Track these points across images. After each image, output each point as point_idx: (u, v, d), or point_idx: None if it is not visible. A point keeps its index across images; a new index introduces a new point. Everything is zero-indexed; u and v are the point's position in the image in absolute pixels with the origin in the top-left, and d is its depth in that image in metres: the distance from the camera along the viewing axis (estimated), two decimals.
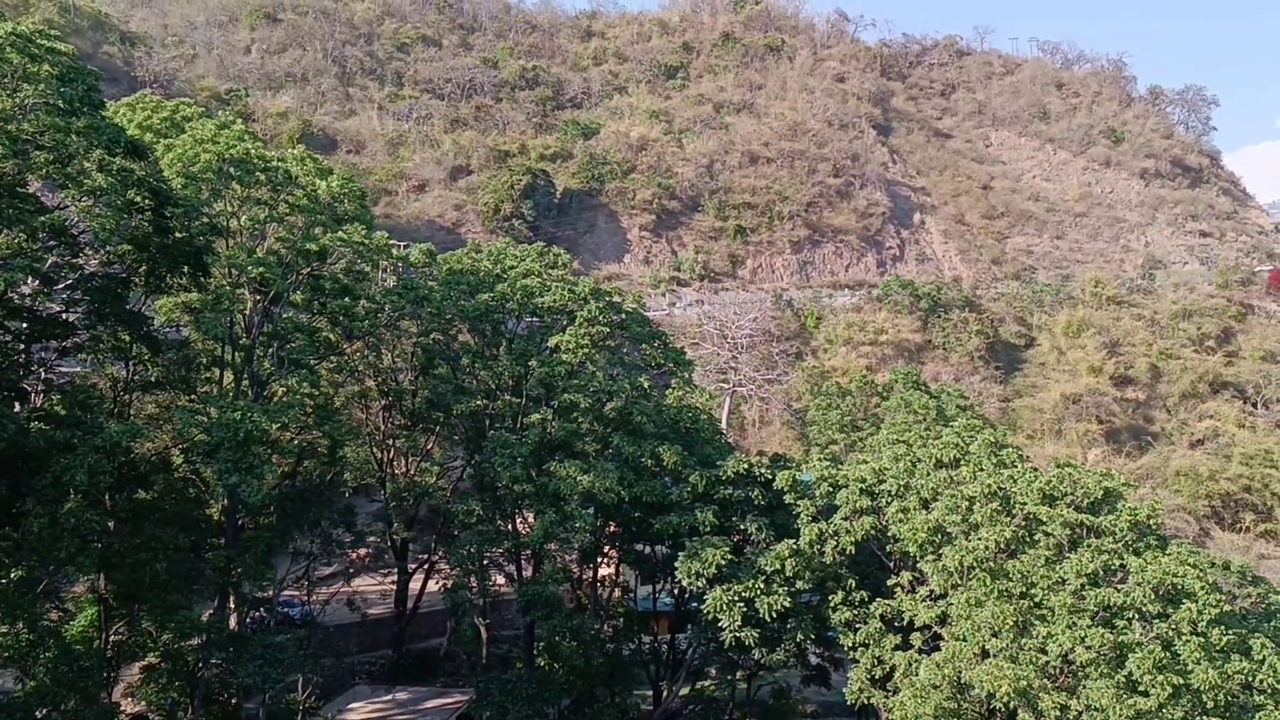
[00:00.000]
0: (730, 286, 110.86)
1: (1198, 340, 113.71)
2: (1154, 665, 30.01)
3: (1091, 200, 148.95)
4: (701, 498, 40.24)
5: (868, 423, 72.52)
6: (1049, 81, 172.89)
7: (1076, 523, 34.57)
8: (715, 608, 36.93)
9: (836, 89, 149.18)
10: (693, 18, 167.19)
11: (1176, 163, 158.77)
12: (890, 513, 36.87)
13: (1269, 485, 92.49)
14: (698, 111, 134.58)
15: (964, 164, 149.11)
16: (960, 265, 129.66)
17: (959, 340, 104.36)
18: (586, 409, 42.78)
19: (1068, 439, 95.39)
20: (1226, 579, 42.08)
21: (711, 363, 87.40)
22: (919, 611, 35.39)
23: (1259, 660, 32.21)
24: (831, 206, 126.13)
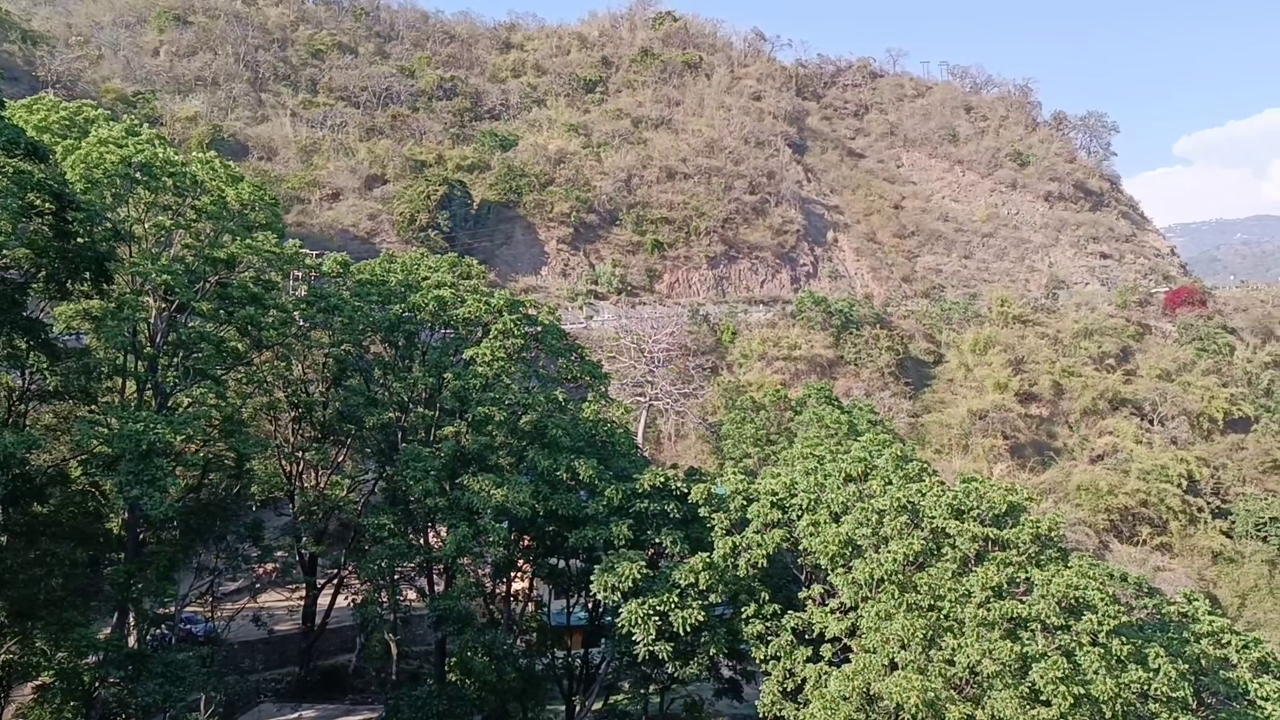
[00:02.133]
0: (647, 301, 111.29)
1: (1098, 358, 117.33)
2: (1056, 676, 30.72)
3: (998, 221, 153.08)
4: (617, 511, 40.18)
5: (781, 437, 73.38)
6: (958, 105, 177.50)
7: (983, 536, 35.29)
8: (630, 621, 36.86)
9: (753, 107, 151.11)
10: (611, 33, 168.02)
11: (1079, 186, 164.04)
12: (801, 526, 37.26)
13: (1164, 500, 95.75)
14: (616, 126, 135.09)
15: (876, 183, 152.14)
16: (872, 282, 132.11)
17: (870, 356, 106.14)
18: (501, 422, 42.49)
19: (974, 454, 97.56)
20: (1124, 591, 43.38)
21: (628, 376, 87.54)
22: (829, 624, 35.80)
23: (1155, 670, 33.23)
24: (747, 223, 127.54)
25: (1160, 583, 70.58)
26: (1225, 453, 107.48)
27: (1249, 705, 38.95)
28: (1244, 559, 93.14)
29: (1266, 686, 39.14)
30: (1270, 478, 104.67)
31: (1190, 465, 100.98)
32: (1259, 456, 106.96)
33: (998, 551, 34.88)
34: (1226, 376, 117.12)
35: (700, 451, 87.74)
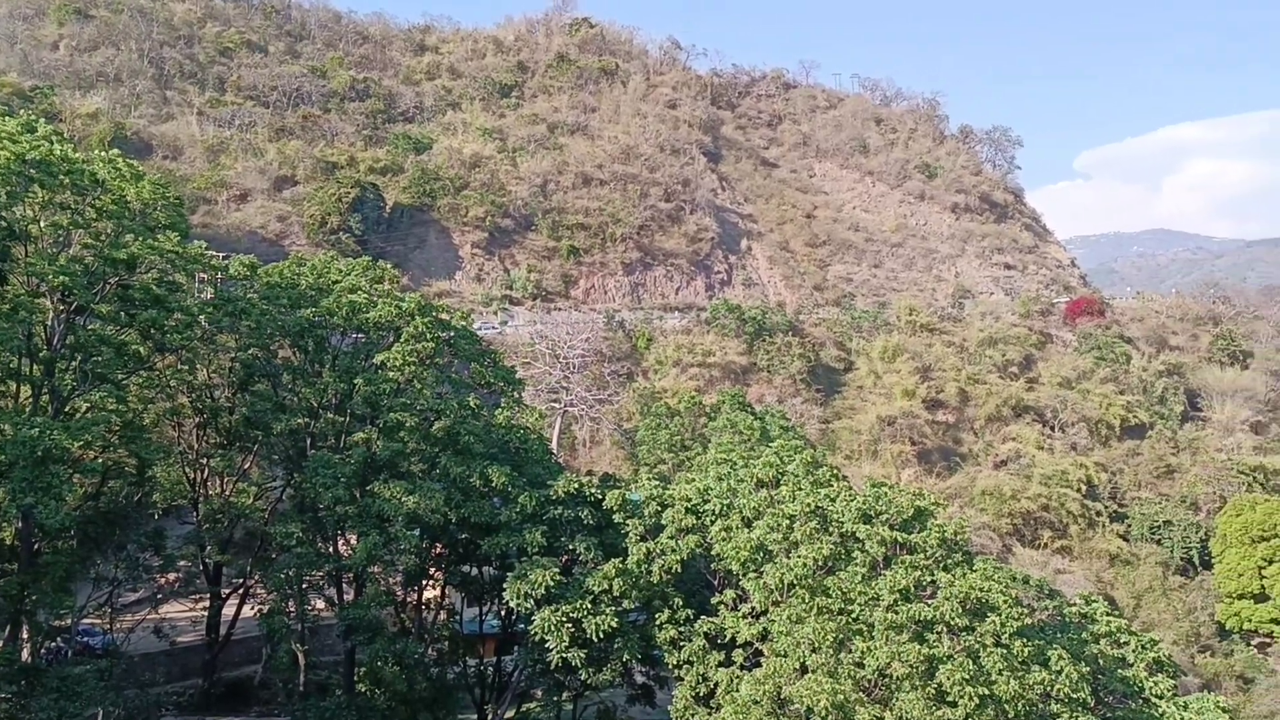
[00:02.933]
0: (563, 306, 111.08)
1: (1002, 366, 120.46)
2: (962, 677, 31.38)
3: (907, 231, 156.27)
4: (531, 518, 39.97)
5: (695, 443, 73.75)
6: (869, 117, 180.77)
7: (891, 540, 35.92)
8: (543, 629, 36.68)
9: (669, 115, 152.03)
10: (528, 37, 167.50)
11: (984, 199, 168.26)
12: (714, 531, 37.49)
13: (1064, 504, 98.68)
14: (532, 131, 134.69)
15: (789, 193, 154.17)
16: (785, 290, 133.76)
17: (783, 363, 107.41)
18: (413, 428, 41.95)
19: (883, 459, 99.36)
20: (1027, 593, 44.61)
21: (543, 382, 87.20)
22: (741, 629, 36.04)
23: (1057, 670, 34.19)
24: (663, 230, 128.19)
25: (1061, 585, 72.56)
26: (1122, 458, 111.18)
27: (1144, 703, 40.39)
28: (1139, 561, 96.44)
29: (1160, 685, 40.65)
30: (1164, 482, 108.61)
31: (1089, 470, 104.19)
32: (1153, 462, 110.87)
33: (906, 555, 35.52)
34: (1123, 384, 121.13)
35: (615, 458, 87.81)
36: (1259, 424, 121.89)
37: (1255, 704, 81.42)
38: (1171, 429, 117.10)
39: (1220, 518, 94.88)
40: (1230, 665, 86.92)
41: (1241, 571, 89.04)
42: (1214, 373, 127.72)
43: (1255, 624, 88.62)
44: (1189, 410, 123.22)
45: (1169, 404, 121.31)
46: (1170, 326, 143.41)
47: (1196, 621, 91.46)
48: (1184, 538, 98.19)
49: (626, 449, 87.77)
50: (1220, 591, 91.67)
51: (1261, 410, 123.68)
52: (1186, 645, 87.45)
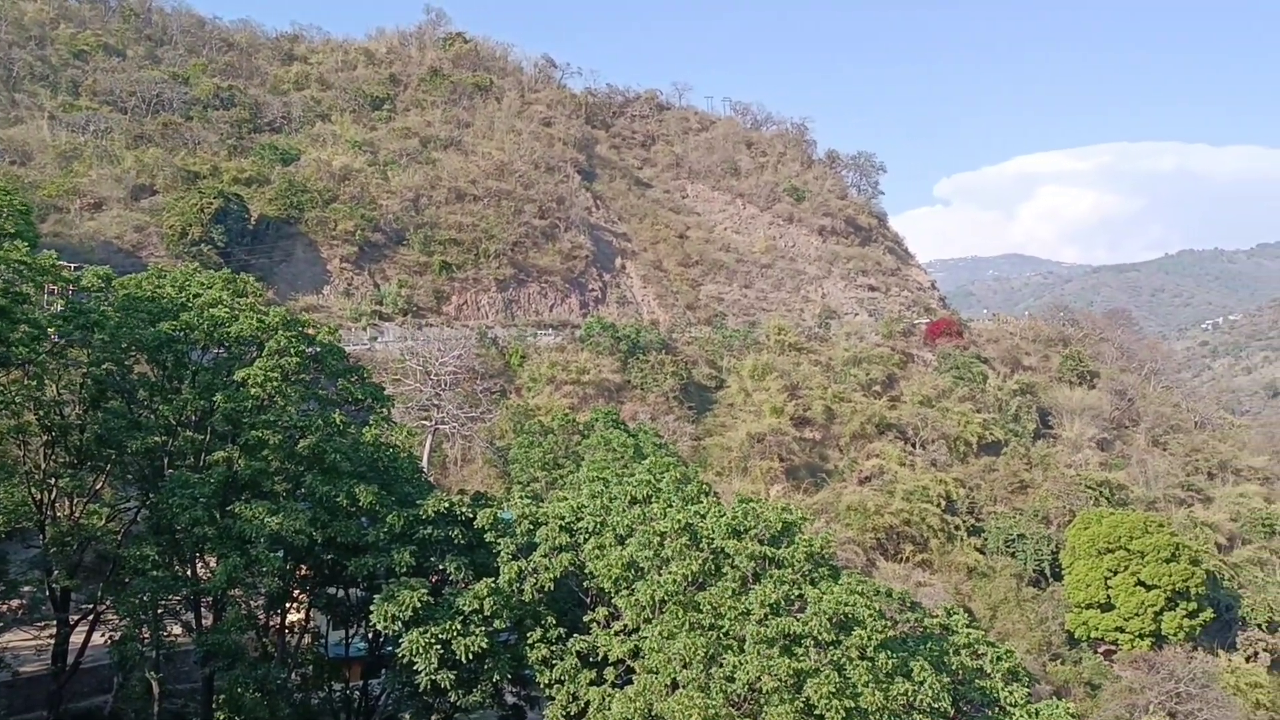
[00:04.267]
0: (435, 322, 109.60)
1: (866, 385, 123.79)
2: (829, 690, 32.02)
3: (776, 253, 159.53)
4: (399, 538, 39.25)
5: (569, 460, 73.69)
6: (740, 140, 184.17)
7: (760, 555, 36.47)
8: (411, 651, 36.03)
9: (543, 132, 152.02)
10: (400, 50, 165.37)
11: (850, 222, 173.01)
12: (587, 549, 37.48)
13: (925, 519, 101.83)
14: (404, 145, 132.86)
15: (662, 213, 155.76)
16: (658, 309, 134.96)
17: (656, 381, 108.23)
18: (277, 446, 40.75)
19: (753, 475, 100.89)
20: (890, 606, 45.80)
21: (414, 400, 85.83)
22: (613, 646, 36.08)
23: (919, 681, 35.20)
24: (537, 247, 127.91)
25: (922, 597, 74.87)
26: (979, 474, 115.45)
27: (1001, 712, 41.89)
28: (995, 573, 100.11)
29: (1016, 694, 42.28)
30: (1018, 497, 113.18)
31: (948, 486, 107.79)
32: (1008, 477, 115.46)
33: (774, 570, 36.10)
34: (980, 403, 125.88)
35: (487, 476, 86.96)
36: (1104, 441, 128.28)
37: (1102, 709, 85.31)
38: (1025, 446, 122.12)
39: (1069, 531, 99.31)
40: (1079, 672, 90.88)
41: (1089, 582, 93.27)
42: (1064, 392, 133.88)
43: (1101, 632, 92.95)
44: (1041, 428, 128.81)
45: (1022, 422, 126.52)
46: (1024, 347, 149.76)
47: (1048, 631, 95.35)
48: (1036, 550, 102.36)
49: (499, 467, 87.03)
50: (1070, 601, 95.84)
51: (1107, 428, 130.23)
52: (1039, 654, 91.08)
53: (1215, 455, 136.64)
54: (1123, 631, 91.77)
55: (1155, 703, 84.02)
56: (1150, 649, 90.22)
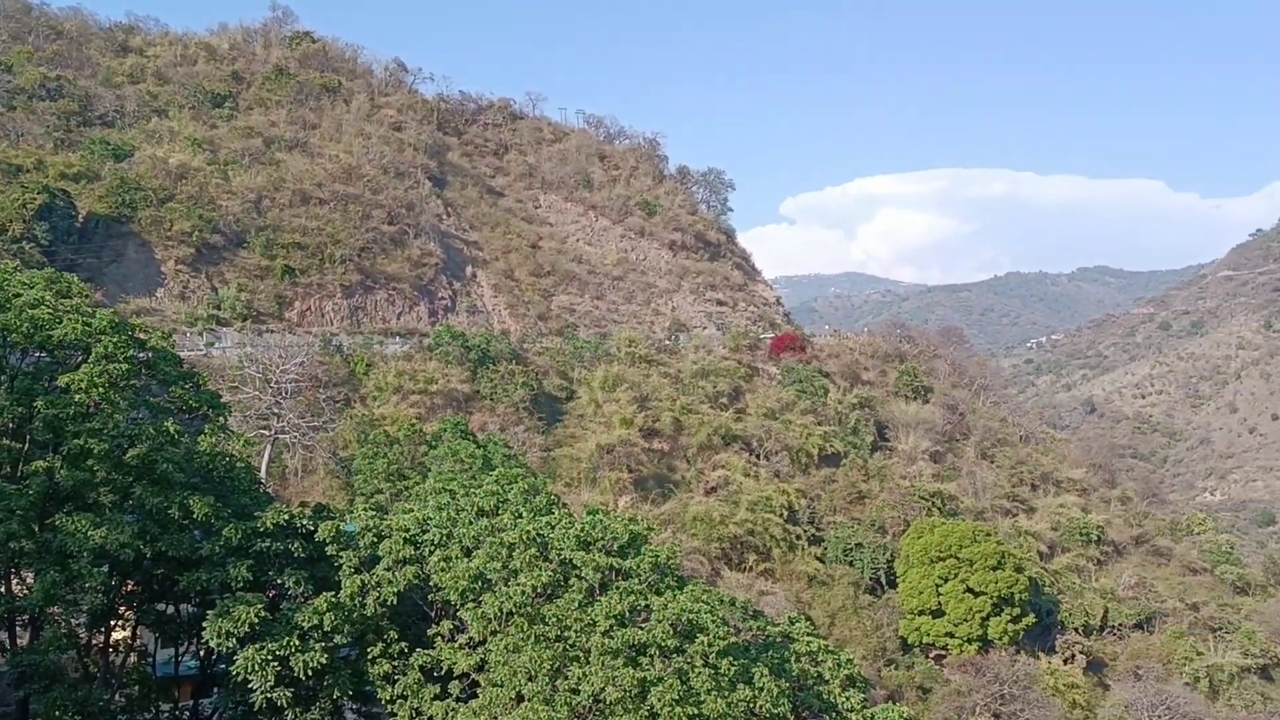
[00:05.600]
0: (276, 329, 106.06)
1: (713, 397, 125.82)
2: (672, 699, 32.41)
3: (628, 265, 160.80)
4: (235, 551, 37.82)
5: (415, 471, 72.51)
6: (593, 152, 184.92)
7: (607, 566, 36.66)
8: (246, 668, 34.74)
9: (393, 137, 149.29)
10: (244, 47, 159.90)
11: (699, 237, 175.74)
12: (433, 562, 36.96)
13: (768, 529, 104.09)
14: (246, 144, 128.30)
15: (515, 222, 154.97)
16: (509, 319, 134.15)
17: (506, 391, 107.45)
18: (103, 455, 38.65)
19: (602, 487, 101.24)
20: (733, 614, 46.72)
21: (252, 408, 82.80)
22: (458, 660, 35.66)
23: (760, 688, 35.97)
24: (385, 253, 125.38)
25: (764, 605, 76.52)
26: (819, 485, 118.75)
27: (838, 716, 43.23)
28: (834, 582, 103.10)
29: (853, 699, 43.73)
30: (856, 507, 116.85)
31: (791, 496, 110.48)
32: (847, 488, 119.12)
33: (621, 581, 36.35)
34: (821, 416, 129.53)
35: (330, 487, 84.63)
36: (937, 453, 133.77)
37: (932, 711, 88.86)
38: (863, 458, 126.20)
39: (904, 540, 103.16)
40: (911, 677, 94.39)
41: (922, 589, 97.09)
42: (900, 406, 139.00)
43: (933, 637, 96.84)
44: (878, 440, 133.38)
45: (861, 434, 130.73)
46: (863, 363, 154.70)
47: (883, 637, 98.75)
48: (873, 559, 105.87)
49: (342, 478, 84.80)
50: (904, 608, 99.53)
51: (939, 441, 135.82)
52: (874, 659, 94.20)
53: (1038, 468, 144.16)
54: (952, 636, 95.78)
55: (982, 704, 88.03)
56: (978, 653, 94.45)
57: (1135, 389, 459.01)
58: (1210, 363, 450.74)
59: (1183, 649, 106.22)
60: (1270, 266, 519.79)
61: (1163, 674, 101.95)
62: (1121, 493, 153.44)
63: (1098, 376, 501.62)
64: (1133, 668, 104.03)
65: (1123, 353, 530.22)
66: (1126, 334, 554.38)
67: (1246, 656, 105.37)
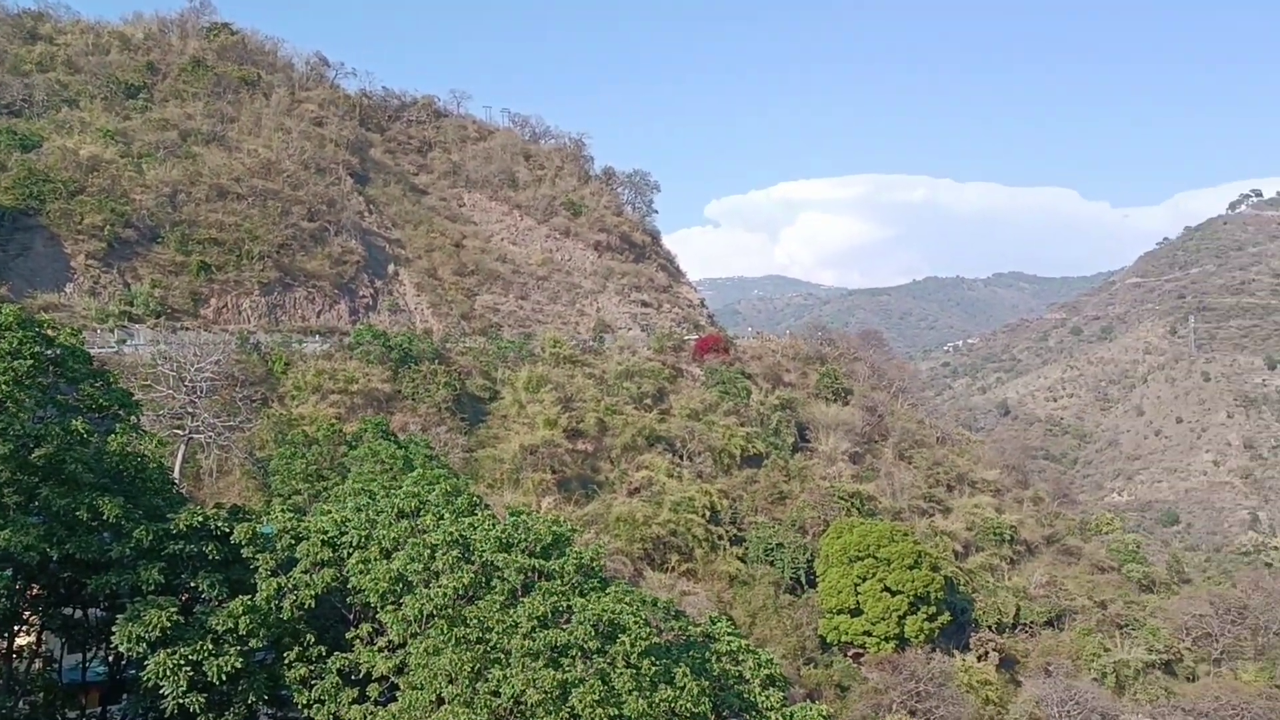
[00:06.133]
0: (191, 326, 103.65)
1: (638, 398, 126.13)
2: (593, 699, 32.46)
3: (553, 266, 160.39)
4: (147, 554, 36.94)
5: (334, 472, 71.52)
6: (518, 151, 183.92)
7: (530, 567, 36.59)
8: (157, 673, 33.95)
9: (314, 132, 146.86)
10: (160, 37, 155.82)
11: (624, 238, 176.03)
12: (352, 564, 36.54)
13: (691, 529, 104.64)
14: (162, 137, 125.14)
15: (438, 221, 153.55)
16: (432, 318, 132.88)
17: (428, 391, 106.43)
18: (7, 456, 37.47)
19: (525, 488, 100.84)
20: (655, 615, 46.88)
21: (166, 407, 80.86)
22: (377, 663, 35.29)
23: (680, 687, 36.17)
24: (305, 250, 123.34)
25: (686, 606, 76.95)
26: (741, 485, 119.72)
27: (758, 715, 43.65)
28: (755, 581, 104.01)
29: (772, 698, 44.19)
30: (777, 507, 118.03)
31: (713, 497, 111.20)
32: (768, 489, 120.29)
33: (544, 582, 36.30)
34: (744, 417, 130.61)
35: (246, 488, 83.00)
36: (856, 454, 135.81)
37: (850, 709, 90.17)
38: (784, 458, 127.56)
39: (824, 540, 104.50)
40: (830, 675, 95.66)
41: (840, 589, 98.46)
42: (820, 407, 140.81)
43: (851, 636, 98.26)
44: (799, 441, 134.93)
45: (782, 435, 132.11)
46: (785, 365, 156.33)
47: (803, 636, 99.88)
48: (793, 558, 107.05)
49: (259, 479, 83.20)
50: (823, 607, 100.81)
51: (859, 442, 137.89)
52: (794, 658, 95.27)
53: (954, 469, 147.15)
54: (870, 635, 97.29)
55: (898, 702, 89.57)
56: (894, 651, 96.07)
57: (1047, 392, 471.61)
58: (1119, 367, 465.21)
59: (1091, 646, 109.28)
60: (1175, 274, 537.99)
61: (1072, 670, 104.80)
62: (1034, 493, 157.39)
63: (1012, 380, 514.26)
64: (1043, 664, 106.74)
65: (1036, 357, 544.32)
66: (1039, 338, 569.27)
67: (1151, 652, 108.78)
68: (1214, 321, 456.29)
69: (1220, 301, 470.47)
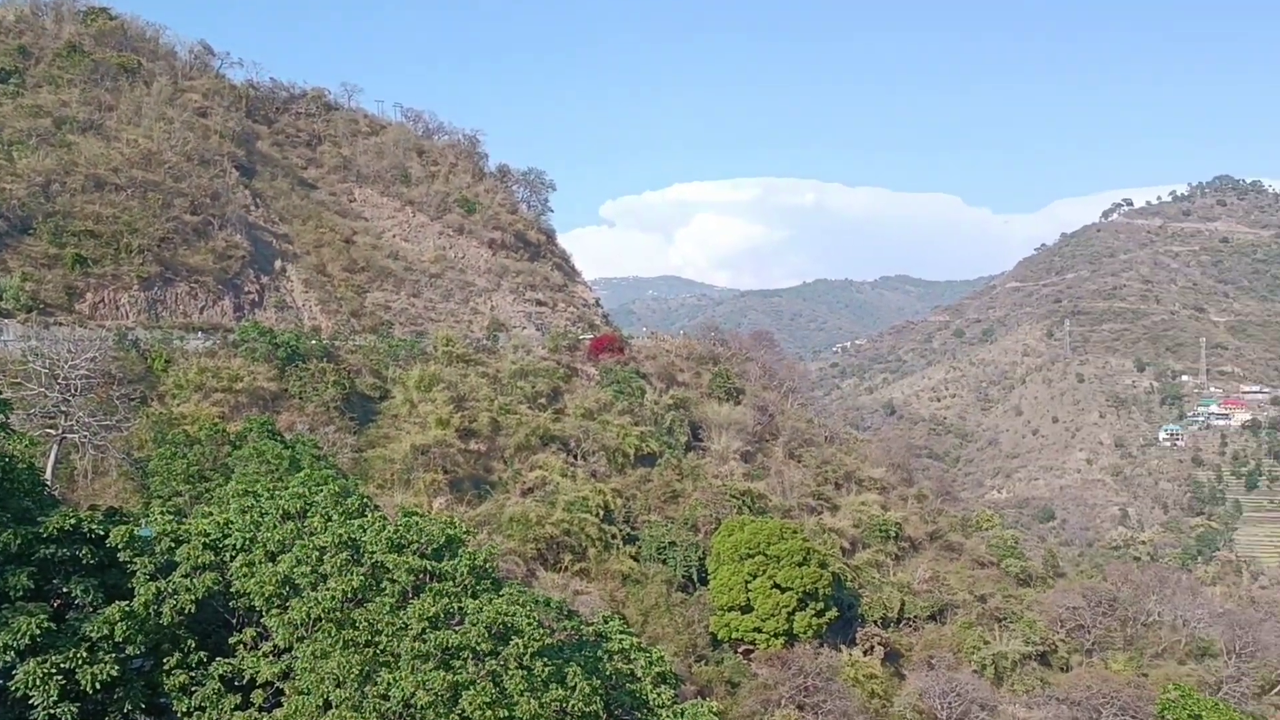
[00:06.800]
0: (65, 321, 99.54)
1: (532, 398, 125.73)
2: (484, 701, 32.30)
3: (446, 263, 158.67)
4: (15, 559, 35.42)
5: (217, 473, 69.75)
6: (411, 147, 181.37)
7: (422, 569, 36.22)
8: (26, 683, 32.56)
9: (198, 123, 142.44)
10: (33, 21, 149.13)
11: (519, 237, 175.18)
12: (236, 567, 35.68)
13: (584, 529, 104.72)
14: (34, 124, 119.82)
15: (328, 216, 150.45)
16: (321, 315, 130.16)
17: (316, 390, 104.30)
18: None
19: (416, 488, 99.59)
20: (548, 615, 46.86)
21: (37, 406, 77.50)
22: (261, 668, 34.53)
23: (572, 687, 36.24)
24: (188, 244, 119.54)
25: (579, 605, 76.99)
26: (635, 484, 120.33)
27: (650, 713, 43.99)
28: (648, 580, 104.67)
29: (664, 695, 44.60)
30: (670, 506, 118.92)
31: (607, 496, 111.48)
32: (661, 488, 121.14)
33: (436, 584, 35.99)
34: (638, 416, 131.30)
35: (123, 490, 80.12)
36: (748, 453, 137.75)
37: (740, 705, 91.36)
38: (678, 457, 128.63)
39: (715, 538, 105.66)
40: (721, 672, 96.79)
41: (731, 586, 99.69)
42: (713, 407, 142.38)
43: (742, 633, 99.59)
44: (692, 440, 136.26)
45: (676, 434, 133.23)
46: (679, 364, 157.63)
47: (694, 634, 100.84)
48: (686, 557, 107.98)
49: (137, 480, 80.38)
50: (714, 605, 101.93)
51: (750, 441, 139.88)
52: (685, 656, 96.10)
53: (842, 467, 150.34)
54: (760, 631, 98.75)
55: (787, 697, 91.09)
56: (783, 647, 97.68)
57: (931, 392, 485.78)
58: (999, 368, 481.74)
59: (971, 638, 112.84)
60: (1052, 279, 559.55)
61: (953, 662, 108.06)
62: (918, 491, 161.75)
63: (897, 380, 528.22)
64: (926, 657, 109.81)
65: (920, 358, 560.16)
66: (924, 340, 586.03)
67: (1028, 644, 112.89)
68: (1088, 325, 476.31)
69: (1094, 306, 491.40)
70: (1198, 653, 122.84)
